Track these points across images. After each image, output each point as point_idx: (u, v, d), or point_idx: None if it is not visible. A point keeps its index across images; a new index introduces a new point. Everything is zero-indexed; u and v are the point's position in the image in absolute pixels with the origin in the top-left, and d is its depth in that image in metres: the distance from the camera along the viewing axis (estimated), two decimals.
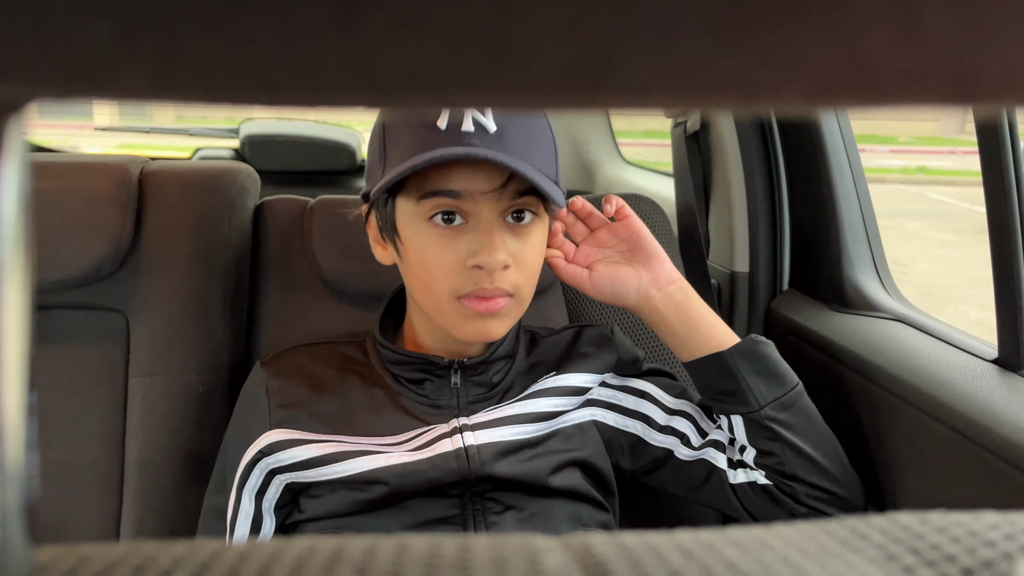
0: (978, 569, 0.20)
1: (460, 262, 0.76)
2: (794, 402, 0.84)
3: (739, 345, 0.84)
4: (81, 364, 1.02)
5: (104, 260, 1.01)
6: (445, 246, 0.77)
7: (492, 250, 0.75)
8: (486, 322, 0.78)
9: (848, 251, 1.14)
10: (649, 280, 0.86)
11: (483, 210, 0.76)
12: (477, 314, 0.78)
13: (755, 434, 0.83)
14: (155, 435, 1.00)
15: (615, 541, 0.20)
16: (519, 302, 0.81)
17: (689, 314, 0.86)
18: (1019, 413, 0.76)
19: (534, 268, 0.81)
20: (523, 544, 0.19)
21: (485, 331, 0.79)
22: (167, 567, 0.18)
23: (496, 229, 0.76)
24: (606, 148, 2.17)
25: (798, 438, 0.82)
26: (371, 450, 0.80)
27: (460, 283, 0.77)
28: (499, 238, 0.76)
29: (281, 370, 0.87)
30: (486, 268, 0.75)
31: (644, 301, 0.86)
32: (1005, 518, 0.22)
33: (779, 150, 1.24)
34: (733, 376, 0.83)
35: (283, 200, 1.15)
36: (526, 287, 0.80)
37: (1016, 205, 0.83)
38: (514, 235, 0.79)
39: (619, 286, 0.86)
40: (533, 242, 0.80)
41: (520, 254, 0.79)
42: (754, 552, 0.19)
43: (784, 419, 0.82)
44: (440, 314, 0.80)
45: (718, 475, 0.87)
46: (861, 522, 0.22)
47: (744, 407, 0.83)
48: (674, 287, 0.86)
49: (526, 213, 0.79)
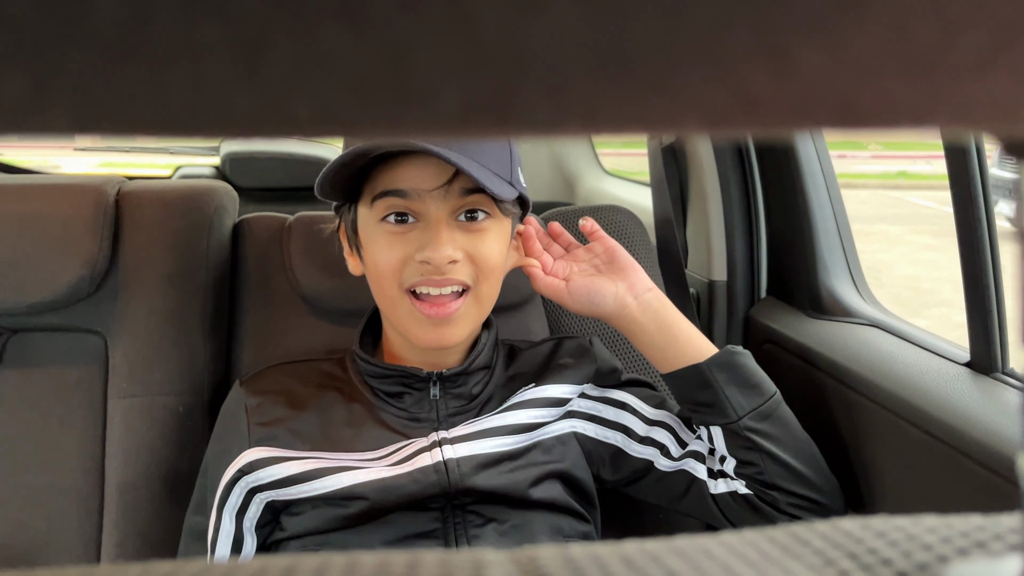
0: (912, 572, 0.20)
1: (408, 257, 0.78)
2: (772, 411, 0.84)
3: (716, 356, 0.85)
4: (59, 387, 1.02)
5: (81, 282, 1.01)
6: (394, 243, 0.79)
7: (438, 245, 0.77)
8: (440, 328, 0.80)
9: (823, 259, 1.15)
10: (625, 288, 0.87)
11: (431, 208, 0.78)
12: (429, 319, 0.79)
13: (734, 444, 0.84)
14: (135, 457, 1.00)
15: (561, 552, 0.20)
16: (476, 299, 0.81)
17: (667, 323, 0.86)
18: (991, 415, 0.77)
19: (492, 265, 0.81)
20: (470, 558, 0.20)
21: (439, 337, 0.80)
22: None
23: (444, 225, 0.78)
24: (586, 159, 2.18)
25: (777, 447, 0.83)
26: (351, 466, 0.80)
27: (407, 275, 0.79)
28: (446, 234, 0.78)
29: (260, 388, 0.87)
30: (432, 263, 0.77)
31: (621, 308, 0.87)
32: (943, 522, 0.23)
33: (754, 160, 1.26)
34: (711, 388, 0.83)
35: (262, 218, 1.15)
36: (484, 283, 0.81)
37: (983, 211, 0.85)
38: (467, 232, 0.80)
39: (596, 295, 0.87)
40: (488, 240, 0.81)
41: (474, 250, 0.80)
42: (695, 561, 0.20)
43: (762, 429, 0.83)
44: (396, 315, 0.82)
45: (698, 485, 0.87)
46: (804, 528, 0.22)
47: (722, 418, 0.84)
48: (650, 295, 0.87)
49: (479, 212, 0.80)
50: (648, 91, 0.11)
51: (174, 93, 0.11)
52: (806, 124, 0.13)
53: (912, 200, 8.64)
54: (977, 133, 0.14)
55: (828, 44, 0.10)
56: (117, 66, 0.10)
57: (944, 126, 0.14)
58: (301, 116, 0.11)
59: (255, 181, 2.18)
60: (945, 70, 0.11)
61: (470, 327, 0.83)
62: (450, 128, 0.12)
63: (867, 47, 0.11)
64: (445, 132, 0.12)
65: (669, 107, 0.12)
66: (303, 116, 0.11)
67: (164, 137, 0.13)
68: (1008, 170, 0.70)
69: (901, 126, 0.13)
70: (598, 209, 1.21)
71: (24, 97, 0.11)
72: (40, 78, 0.10)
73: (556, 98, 0.11)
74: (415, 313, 0.80)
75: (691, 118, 0.12)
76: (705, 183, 1.29)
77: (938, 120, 0.13)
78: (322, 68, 0.11)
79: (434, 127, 0.12)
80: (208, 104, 0.11)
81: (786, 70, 0.11)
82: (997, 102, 0.12)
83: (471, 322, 0.82)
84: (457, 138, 0.13)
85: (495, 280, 0.83)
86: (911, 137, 0.16)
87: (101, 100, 0.11)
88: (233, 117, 0.12)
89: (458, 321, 0.80)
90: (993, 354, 0.84)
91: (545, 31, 0.11)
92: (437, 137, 0.13)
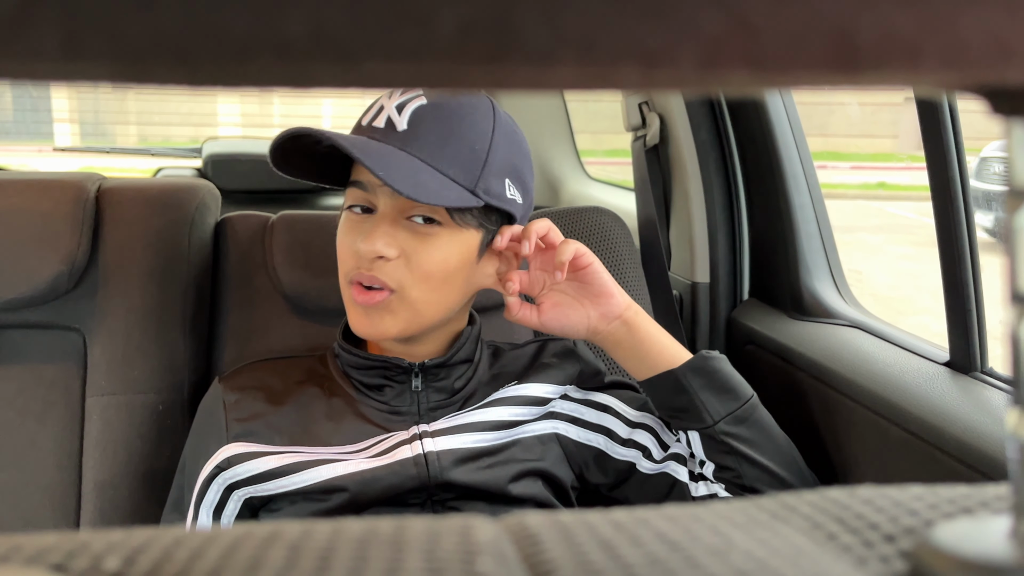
0: (900, 535, 0.20)
1: (353, 246, 0.80)
2: (748, 415, 0.84)
3: (690, 362, 0.84)
4: (36, 384, 1.00)
5: (60, 278, 1.00)
6: (347, 231, 0.81)
7: (368, 237, 0.78)
8: (368, 315, 0.80)
9: (805, 260, 1.16)
10: (597, 317, 0.85)
11: (381, 203, 0.80)
12: (357, 304, 0.80)
13: (711, 449, 0.84)
14: (113, 455, 0.99)
15: (550, 517, 0.20)
16: (404, 302, 0.80)
17: (639, 338, 0.85)
18: (970, 414, 0.77)
19: (427, 271, 0.79)
20: (457, 522, 0.20)
21: (368, 324, 0.81)
22: (100, 551, 0.18)
23: (387, 221, 0.79)
24: (570, 164, 2.19)
25: (754, 451, 0.83)
26: (330, 459, 0.80)
27: (349, 267, 0.81)
28: (383, 228, 0.78)
29: (238, 385, 0.87)
30: (360, 255, 0.78)
31: (593, 334, 0.86)
32: (930, 490, 0.23)
33: (736, 162, 1.27)
34: (686, 393, 0.83)
35: (244, 216, 1.14)
36: (416, 289, 0.79)
37: (963, 213, 0.86)
38: (414, 234, 0.79)
39: (568, 327, 0.86)
40: (433, 247, 0.79)
41: (413, 253, 0.79)
42: (684, 523, 0.20)
43: (739, 433, 0.83)
44: (344, 299, 0.83)
45: (680, 488, 0.87)
46: (792, 497, 0.23)
47: (698, 423, 0.84)
48: (618, 322, 0.85)
49: (428, 217, 0.79)
50: (646, 16, 0.11)
51: (167, 11, 0.11)
52: (803, 63, 0.13)
53: (891, 211, 8.74)
54: (971, 80, 0.14)
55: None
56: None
57: (936, 70, 0.14)
58: (294, 38, 0.11)
59: (237, 183, 2.16)
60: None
61: (401, 324, 0.81)
62: (447, 56, 0.12)
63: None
64: (441, 64, 0.12)
65: (666, 35, 0.12)
66: (296, 38, 0.11)
67: (151, 76, 0.13)
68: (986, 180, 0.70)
69: (894, 66, 0.13)
70: (582, 211, 1.21)
71: (12, 11, 0.10)
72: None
73: (553, 22, 0.11)
74: (351, 299, 0.81)
75: (688, 51, 0.12)
76: (688, 185, 1.29)
77: (932, 59, 0.13)
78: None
79: (430, 52, 0.12)
80: (201, 27, 0.11)
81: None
82: (990, 37, 0.12)
83: (402, 320, 0.81)
84: (454, 75, 0.13)
85: (432, 287, 0.80)
86: (901, 86, 0.16)
87: (90, 16, 0.11)
88: (226, 43, 0.11)
89: (384, 313, 0.80)
90: (972, 353, 0.85)
91: None
92: (434, 75, 0.13)
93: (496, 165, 0.80)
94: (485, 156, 0.79)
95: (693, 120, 1.26)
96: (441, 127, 0.78)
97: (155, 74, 0.12)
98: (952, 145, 0.84)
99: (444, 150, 0.77)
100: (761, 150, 1.19)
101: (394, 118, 0.77)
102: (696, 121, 1.27)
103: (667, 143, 1.33)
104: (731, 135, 1.26)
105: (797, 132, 1.19)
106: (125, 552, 0.18)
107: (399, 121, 0.77)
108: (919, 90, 0.18)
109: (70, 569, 0.17)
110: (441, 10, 0.11)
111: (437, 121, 0.78)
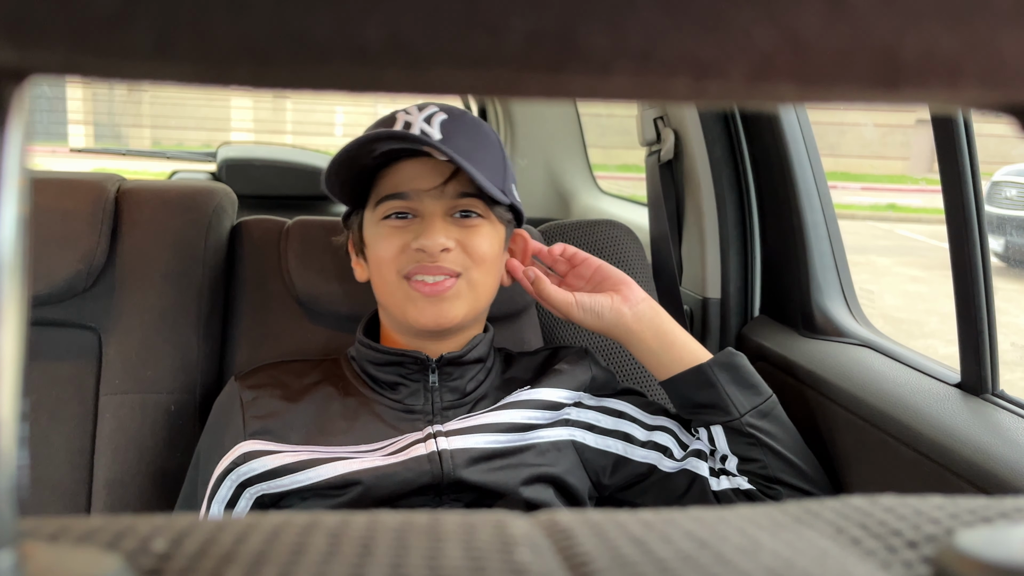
0: (922, 542, 0.21)
1: (405, 245, 0.84)
2: (771, 410, 0.89)
3: (718, 357, 0.89)
4: (50, 381, 1.01)
5: (77, 277, 1.01)
6: (393, 236, 0.85)
7: (431, 233, 0.82)
8: (437, 304, 0.84)
9: (817, 278, 1.16)
10: (620, 300, 0.90)
11: (427, 205, 0.84)
12: (425, 297, 0.84)
13: (736, 442, 0.87)
14: (124, 454, 1.00)
15: (580, 514, 0.21)
16: (470, 285, 0.86)
17: (662, 329, 0.90)
18: (981, 435, 0.78)
19: (483, 253, 0.86)
20: (491, 516, 0.20)
21: (438, 313, 0.84)
22: (146, 534, 0.19)
23: (438, 218, 0.84)
24: (582, 178, 2.20)
25: (777, 443, 0.87)
26: (344, 456, 0.81)
27: (404, 262, 0.84)
28: (439, 225, 0.83)
29: (255, 383, 0.88)
30: (426, 250, 0.82)
31: (618, 318, 0.90)
32: (951, 500, 0.23)
33: (750, 179, 1.27)
34: (713, 387, 0.87)
35: (260, 220, 1.15)
36: (476, 271, 0.86)
37: (976, 235, 0.86)
38: (460, 227, 0.86)
39: (596, 304, 0.90)
40: (481, 235, 0.86)
41: (466, 242, 0.85)
42: (711, 524, 0.20)
43: (763, 426, 0.87)
44: (394, 301, 0.86)
45: (700, 483, 0.89)
46: (815, 503, 0.23)
47: (725, 416, 0.87)
48: (644, 305, 0.91)
49: (472, 213, 0.86)
50: (702, 28, 0.12)
51: (256, 14, 0.11)
52: (848, 78, 0.13)
53: (901, 232, 8.72)
54: (1005, 99, 0.15)
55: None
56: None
57: (973, 88, 0.14)
58: (372, 43, 0.12)
59: (250, 188, 2.18)
60: (983, 19, 0.12)
61: (465, 308, 0.86)
62: (511, 64, 0.13)
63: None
64: (508, 71, 0.13)
65: (720, 48, 0.12)
66: (374, 43, 0.12)
67: (234, 78, 0.13)
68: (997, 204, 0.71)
69: (933, 84, 0.14)
70: (595, 224, 1.22)
71: (111, 8, 0.11)
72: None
73: (614, 32, 0.12)
74: (412, 294, 0.84)
75: (740, 64, 0.13)
76: (701, 201, 1.30)
77: (970, 78, 0.14)
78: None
79: (496, 60, 0.12)
80: (285, 30, 0.12)
81: (838, 10, 0.11)
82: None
83: (467, 304, 0.86)
84: (520, 83, 0.13)
85: (487, 269, 0.87)
86: (937, 104, 0.16)
87: (185, 18, 0.11)
88: (307, 46, 0.12)
89: (453, 300, 0.85)
90: (984, 375, 0.85)
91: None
92: (502, 83, 0.14)
93: (510, 171, 0.89)
94: (504, 162, 0.88)
95: (708, 136, 1.27)
96: (470, 135, 0.83)
97: (235, 76, 0.13)
98: (968, 168, 0.85)
99: (477, 154, 0.82)
100: (775, 167, 1.20)
101: (426, 129, 0.81)
102: (711, 137, 1.27)
103: (681, 159, 1.34)
104: (745, 152, 1.27)
105: (811, 150, 1.19)
106: (171, 535, 0.19)
107: (432, 131, 0.81)
108: (945, 108, 0.18)
109: (120, 549, 0.18)
110: (511, 19, 0.12)
111: (465, 130, 0.83)
